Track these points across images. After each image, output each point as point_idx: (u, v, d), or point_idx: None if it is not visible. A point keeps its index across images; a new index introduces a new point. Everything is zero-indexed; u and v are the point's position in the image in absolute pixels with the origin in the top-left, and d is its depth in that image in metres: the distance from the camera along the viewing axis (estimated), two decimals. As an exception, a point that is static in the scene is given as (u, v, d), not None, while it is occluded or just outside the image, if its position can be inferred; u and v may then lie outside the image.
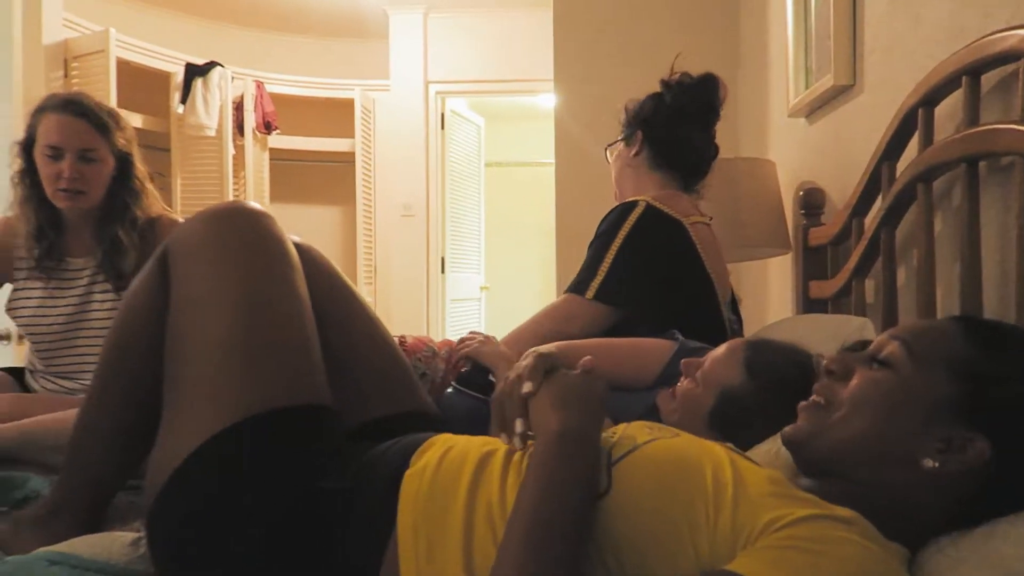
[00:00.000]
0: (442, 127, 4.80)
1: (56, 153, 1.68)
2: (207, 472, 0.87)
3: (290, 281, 1.03)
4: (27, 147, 1.72)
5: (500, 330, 1.57)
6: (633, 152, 1.65)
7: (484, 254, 5.52)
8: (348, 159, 4.72)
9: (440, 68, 4.71)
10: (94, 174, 1.71)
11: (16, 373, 1.88)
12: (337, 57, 4.94)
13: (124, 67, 3.71)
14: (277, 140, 4.65)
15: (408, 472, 0.84)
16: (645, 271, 1.49)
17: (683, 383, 1.07)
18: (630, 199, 1.56)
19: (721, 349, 1.06)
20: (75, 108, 1.70)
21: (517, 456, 0.82)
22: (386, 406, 1.11)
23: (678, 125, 1.61)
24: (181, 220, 1.86)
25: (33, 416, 1.51)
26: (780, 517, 0.64)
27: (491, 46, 4.68)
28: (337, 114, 4.71)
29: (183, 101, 4.08)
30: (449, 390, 1.29)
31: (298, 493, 0.86)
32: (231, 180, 4.27)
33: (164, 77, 4.11)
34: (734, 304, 1.68)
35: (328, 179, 4.95)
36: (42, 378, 1.79)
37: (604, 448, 0.76)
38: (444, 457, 0.84)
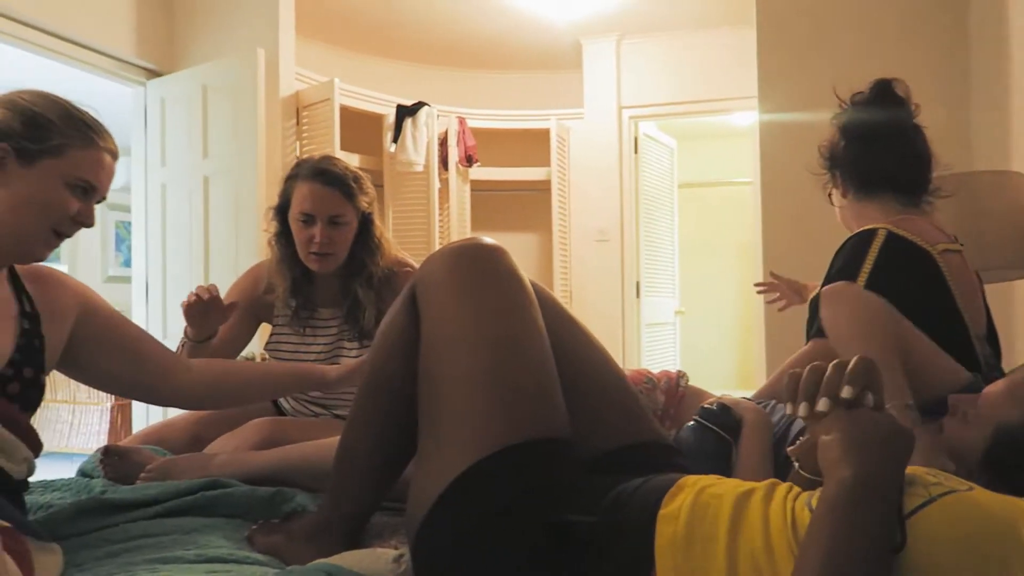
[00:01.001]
0: (635, 151, 4.81)
1: (308, 219, 1.80)
2: (464, 502, 0.91)
3: (530, 316, 1.06)
4: (281, 211, 1.88)
5: (696, 354, 1.54)
6: (841, 193, 1.59)
7: (678, 277, 5.42)
8: (544, 187, 4.85)
9: (633, 93, 4.73)
10: (341, 237, 1.82)
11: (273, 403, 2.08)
12: (533, 89, 5.10)
13: (344, 112, 4.06)
14: (477, 172, 4.88)
15: (661, 514, 0.83)
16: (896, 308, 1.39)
17: (950, 420, 0.98)
18: (867, 227, 1.46)
19: (999, 385, 0.97)
20: (325, 178, 1.80)
21: (778, 500, 0.79)
22: (621, 436, 1.12)
23: (865, 147, 1.52)
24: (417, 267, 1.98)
25: (289, 439, 1.68)
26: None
27: (684, 67, 4.64)
28: (533, 144, 4.86)
29: (395, 140, 4.39)
30: (690, 423, 1.27)
31: (547, 523, 0.89)
32: (437, 212, 4.53)
33: (378, 119, 4.45)
34: (991, 337, 1.53)
35: (525, 207, 5.11)
36: (294, 401, 1.98)
37: None
38: (697, 499, 0.82)
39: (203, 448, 1.78)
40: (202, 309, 1.60)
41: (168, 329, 3.74)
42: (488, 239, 1.14)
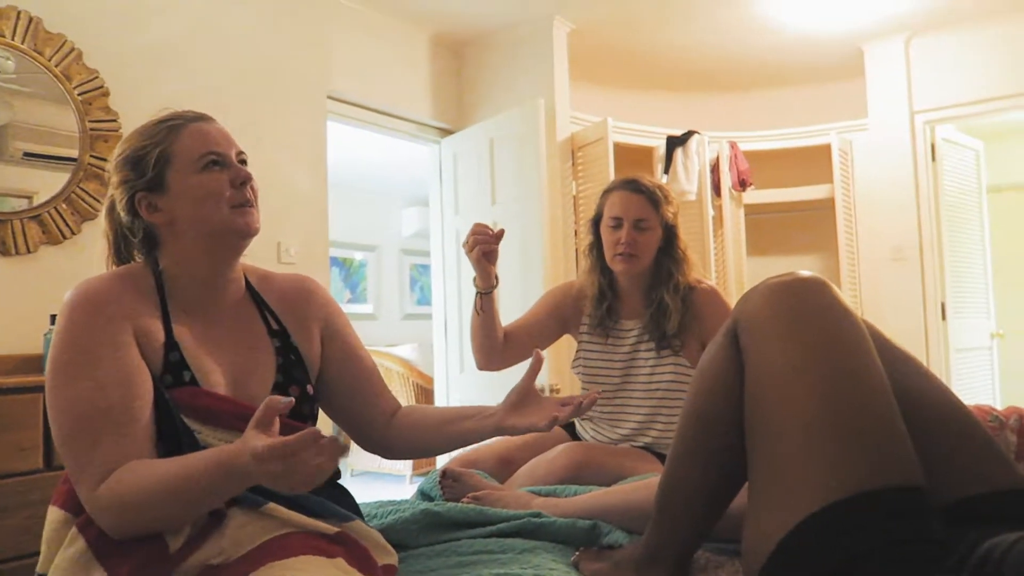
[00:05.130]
0: (932, 158, 4.35)
1: (617, 223, 1.97)
2: (807, 551, 0.88)
3: (865, 350, 1.00)
4: (595, 222, 2.06)
5: (1020, 383, 1.33)
6: None
7: (993, 295, 4.77)
8: (825, 206, 4.56)
9: (927, 95, 4.30)
10: (646, 241, 1.96)
11: (566, 427, 2.19)
12: (807, 105, 4.86)
13: (616, 148, 4.16)
14: (752, 195, 4.73)
15: None
16: None
17: None
18: None
19: None
20: (633, 186, 1.98)
21: None
22: (975, 483, 1.00)
23: None
24: (717, 289, 2.00)
25: (597, 464, 1.76)
26: None
27: (990, 61, 4.14)
28: (811, 161, 4.62)
29: (666, 171, 4.41)
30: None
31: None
32: (712, 239, 4.46)
33: (648, 151, 4.50)
34: None
35: (804, 228, 4.85)
36: (593, 429, 2.06)
37: None
38: None
39: (514, 470, 1.92)
40: (485, 248, 1.75)
41: (464, 361, 4.08)
42: (807, 272, 1.11)
